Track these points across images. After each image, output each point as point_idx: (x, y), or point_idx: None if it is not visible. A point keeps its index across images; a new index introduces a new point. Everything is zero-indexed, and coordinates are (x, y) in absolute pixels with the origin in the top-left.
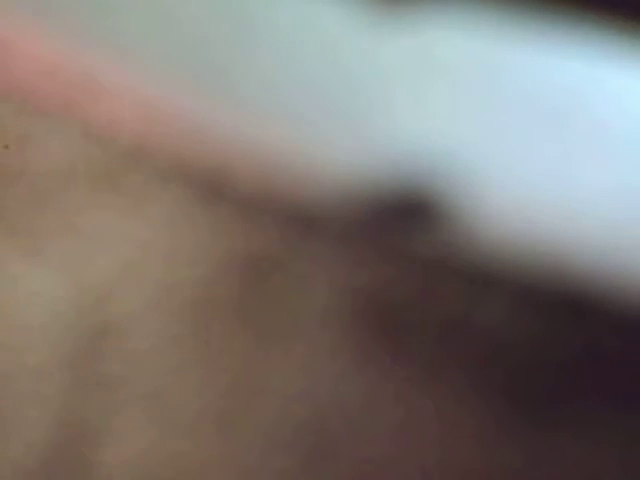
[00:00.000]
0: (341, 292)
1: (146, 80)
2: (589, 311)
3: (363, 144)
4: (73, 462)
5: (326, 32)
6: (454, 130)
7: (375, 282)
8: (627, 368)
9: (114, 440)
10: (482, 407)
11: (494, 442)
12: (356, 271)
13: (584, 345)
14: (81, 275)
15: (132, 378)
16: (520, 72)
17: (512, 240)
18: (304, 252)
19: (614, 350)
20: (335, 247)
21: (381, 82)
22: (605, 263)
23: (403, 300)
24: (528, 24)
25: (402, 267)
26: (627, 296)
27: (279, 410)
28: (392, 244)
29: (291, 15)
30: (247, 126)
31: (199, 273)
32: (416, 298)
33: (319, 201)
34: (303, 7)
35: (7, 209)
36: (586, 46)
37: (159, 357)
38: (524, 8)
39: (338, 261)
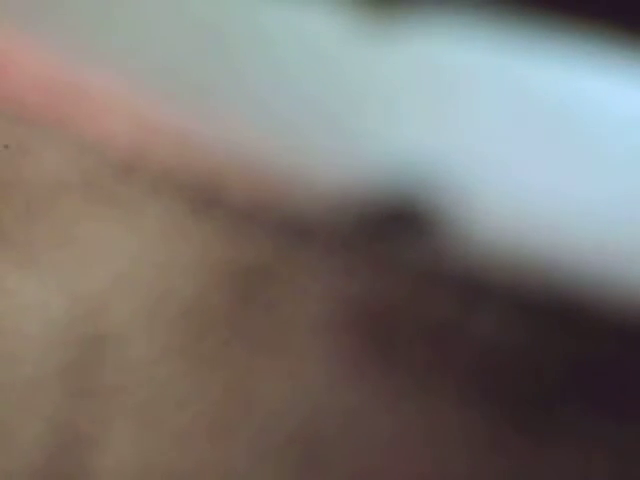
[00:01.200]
0: (333, 301)
1: (139, 93)
2: (581, 319)
3: (356, 155)
4: (68, 470)
5: (321, 44)
6: (447, 140)
7: (366, 291)
8: (621, 376)
9: (108, 448)
10: (472, 417)
11: (484, 452)
12: (348, 280)
13: (577, 353)
14: (75, 286)
15: (125, 387)
16: (515, 83)
17: (504, 249)
18: (296, 262)
19: (607, 358)
20: (327, 257)
21: (374, 93)
22: (597, 271)
23: (394, 309)
24: (524, 35)
25: (393, 276)
26: (619, 304)
27: (271, 419)
28: (384, 253)
29: (286, 27)
30: (239, 138)
31: (191, 284)
32: (407, 307)
33: (311, 211)
34: (298, 19)
35: (1, 220)
36: (578, 60)
37: (152, 367)
38: (521, 19)
39: (330, 271)
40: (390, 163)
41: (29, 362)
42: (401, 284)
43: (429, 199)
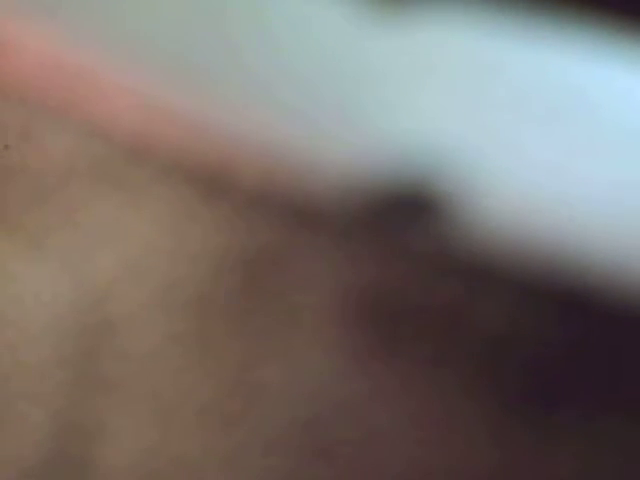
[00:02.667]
0: (342, 288)
1: (147, 78)
2: (590, 307)
3: (363, 142)
4: (73, 461)
5: (326, 32)
6: (453, 127)
7: (375, 278)
8: (627, 368)
9: (114, 439)
10: (475, 409)
11: (487, 444)
12: (356, 268)
13: (584, 343)
14: (82, 273)
15: (132, 377)
16: (517, 69)
17: (511, 236)
18: (305, 249)
19: (614, 348)
20: (336, 244)
21: (380, 80)
22: (605, 259)
23: (400, 298)
24: (525, 22)
25: (402, 263)
26: (627, 293)
27: (279, 409)
28: (392, 241)
29: (289, 15)
30: (248, 124)
31: (200, 270)
32: (413, 295)
33: (319, 198)
34: (301, 7)
35: (8, 206)
36: (582, 44)
37: (159, 356)
38: (521, 7)
39: (339, 258)
40: (396, 150)
41: (33, 350)
42: (407, 272)
43: (435, 187)
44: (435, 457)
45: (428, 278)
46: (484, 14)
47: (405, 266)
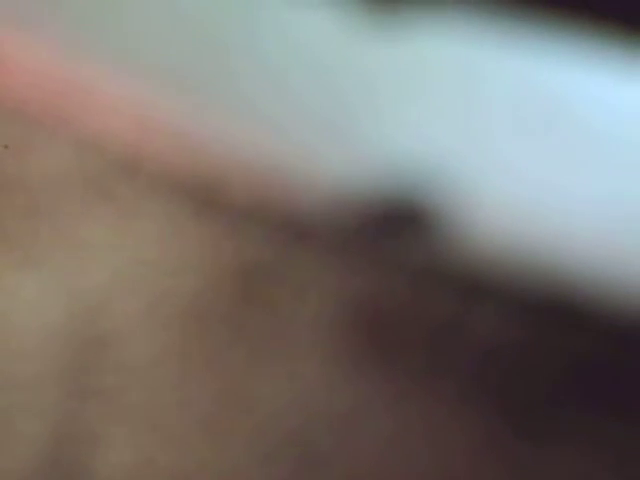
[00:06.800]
0: (332, 302)
1: (141, 93)
2: (582, 319)
3: (354, 155)
4: (69, 472)
5: (318, 48)
6: (444, 140)
7: (366, 291)
8: (621, 376)
9: (110, 450)
10: (472, 418)
11: (484, 454)
12: (348, 281)
13: (577, 354)
14: (74, 285)
15: (125, 387)
16: (509, 82)
17: (503, 248)
18: (295, 262)
19: (608, 359)
20: (327, 257)
21: (370, 93)
22: (597, 270)
23: (394, 309)
24: (515, 33)
25: (393, 276)
26: (620, 304)
27: (269, 420)
28: (383, 254)
29: (282, 28)
30: (239, 138)
31: (191, 284)
32: (407, 307)
33: (310, 212)
34: (294, 19)
35: (1, 219)
36: (583, 54)
37: (152, 368)
38: (521, 17)
39: (330, 271)
40: (390, 163)
41: (28, 362)
42: (401, 284)
43: (429, 199)
44: (432, 466)
45: (422, 291)
46: (476, 26)
47: (399, 278)
